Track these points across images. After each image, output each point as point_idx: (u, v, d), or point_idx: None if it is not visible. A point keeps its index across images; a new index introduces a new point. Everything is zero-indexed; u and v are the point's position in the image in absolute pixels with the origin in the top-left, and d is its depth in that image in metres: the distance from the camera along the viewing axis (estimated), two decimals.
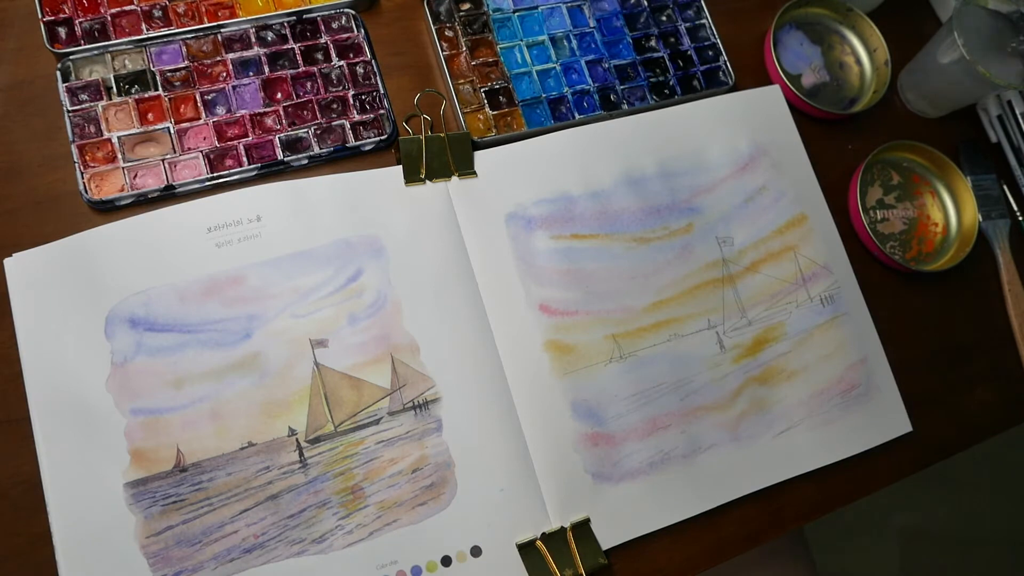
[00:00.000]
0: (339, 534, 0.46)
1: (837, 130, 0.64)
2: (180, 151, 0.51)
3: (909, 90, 0.66)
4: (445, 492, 0.48)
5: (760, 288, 0.56)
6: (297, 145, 0.53)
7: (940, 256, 0.62)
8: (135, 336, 0.47)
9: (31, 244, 0.47)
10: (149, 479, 0.45)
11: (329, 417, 0.48)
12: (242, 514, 0.45)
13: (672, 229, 0.56)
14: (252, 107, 0.53)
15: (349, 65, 0.55)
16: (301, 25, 0.55)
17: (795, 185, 0.59)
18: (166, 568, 0.44)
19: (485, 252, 0.52)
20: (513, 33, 0.58)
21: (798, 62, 0.64)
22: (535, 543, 0.48)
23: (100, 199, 0.49)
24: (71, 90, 0.50)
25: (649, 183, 0.57)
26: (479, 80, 0.57)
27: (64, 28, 0.51)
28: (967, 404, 0.60)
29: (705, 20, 0.62)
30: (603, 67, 0.59)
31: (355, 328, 0.49)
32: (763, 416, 0.54)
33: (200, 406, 0.46)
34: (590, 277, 0.53)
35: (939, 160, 0.63)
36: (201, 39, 0.53)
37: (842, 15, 0.65)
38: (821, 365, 0.56)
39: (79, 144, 0.50)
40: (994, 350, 0.62)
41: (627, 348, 0.53)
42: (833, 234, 0.59)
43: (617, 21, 0.61)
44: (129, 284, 0.47)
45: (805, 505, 0.54)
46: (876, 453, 0.55)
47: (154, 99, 0.51)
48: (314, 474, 0.47)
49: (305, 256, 0.50)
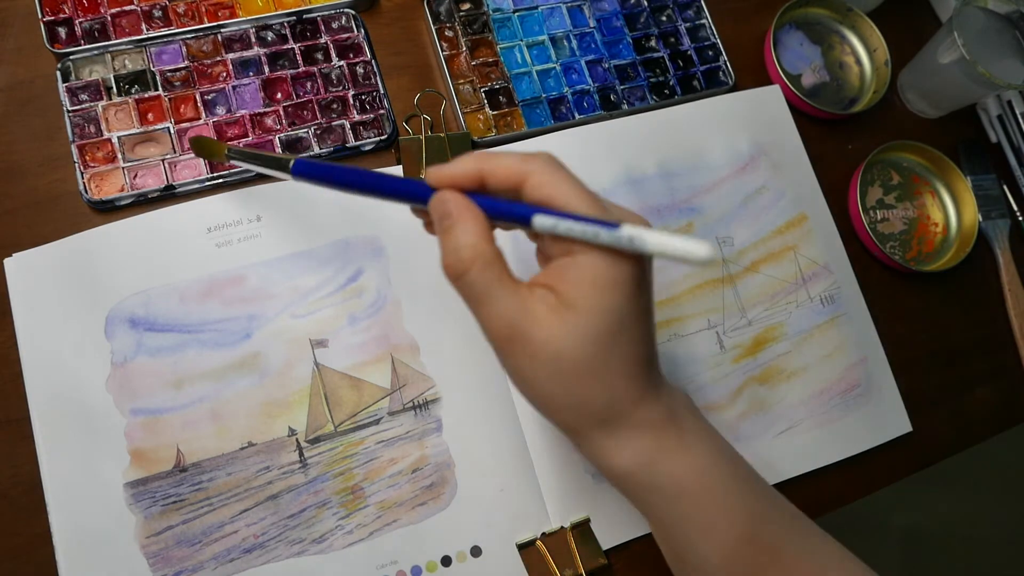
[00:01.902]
0: (339, 534, 0.46)
1: (837, 130, 0.64)
2: (180, 151, 0.51)
3: (909, 90, 0.66)
4: (445, 492, 0.48)
5: (760, 288, 0.56)
6: (297, 145, 0.53)
7: (940, 256, 0.62)
8: (135, 336, 0.47)
9: (31, 244, 0.47)
10: (149, 479, 0.45)
11: (329, 417, 0.48)
12: (242, 514, 0.45)
13: (672, 229, 0.56)
14: (252, 107, 0.53)
15: (349, 65, 0.55)
16: (301, 25, 0.55)
17: (795, 185, 0.59)
18: (166, 568, 0.44)
19: None
20: (513, 33, 0.58)
21: (798, 62, 0.64)
22: (535, 543, 0.48)
23: (100, 199, 0.49)
24: (71, 90, 0.50)
25: (649, 183, 0.57)
26: (479, 80, 0.57)
27: (64, 28, 0.51)
28: (967, 404, 0.60)
29: (705, 20, 0.62)
30: (603, 67, 0.59)
31: (355, 328, 0.49)
32: (763, 416, 0.54)
33: (200, 406, 0.46)
34: None
35: (939, 160, 0.63)
36: (201, 39, 0.53)
37: (842, 15, 0.65)
38: (821, 365, 0.56)
39: (79, 144, 0.50)
40: (994, 350, 0.62)
41: None
42: (833, 234, 0.59)
43: (617, 21, 0.61)
44: (129, 284, 0.47)
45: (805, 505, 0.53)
46: (876, 453, 0.55)
47: (154, 99, 0.51)
48: (314, 474, 0.47)
49: (305, 256, 0.50)
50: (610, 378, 0.31)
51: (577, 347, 0.30)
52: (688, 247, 0.26)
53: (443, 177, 0.32)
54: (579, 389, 0.31)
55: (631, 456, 0.33)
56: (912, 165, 0.64)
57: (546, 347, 0.30)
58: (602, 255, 0.29)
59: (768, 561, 0.34)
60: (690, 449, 0.33)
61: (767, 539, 0.34)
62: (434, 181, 0.32)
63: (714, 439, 0.35)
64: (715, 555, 0.34)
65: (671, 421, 0.33)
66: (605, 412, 0.32)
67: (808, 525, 0.37)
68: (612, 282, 0.29)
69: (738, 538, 0.34)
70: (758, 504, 0.35)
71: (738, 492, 0.34)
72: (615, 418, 0.32)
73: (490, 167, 0.31)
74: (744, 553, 0.34)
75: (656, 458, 0.33)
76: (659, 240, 0.27)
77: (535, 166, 0.30)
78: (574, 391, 0.31)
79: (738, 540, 0.34)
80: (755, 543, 0.34)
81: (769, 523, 0.35)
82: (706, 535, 0.34)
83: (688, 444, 0.33)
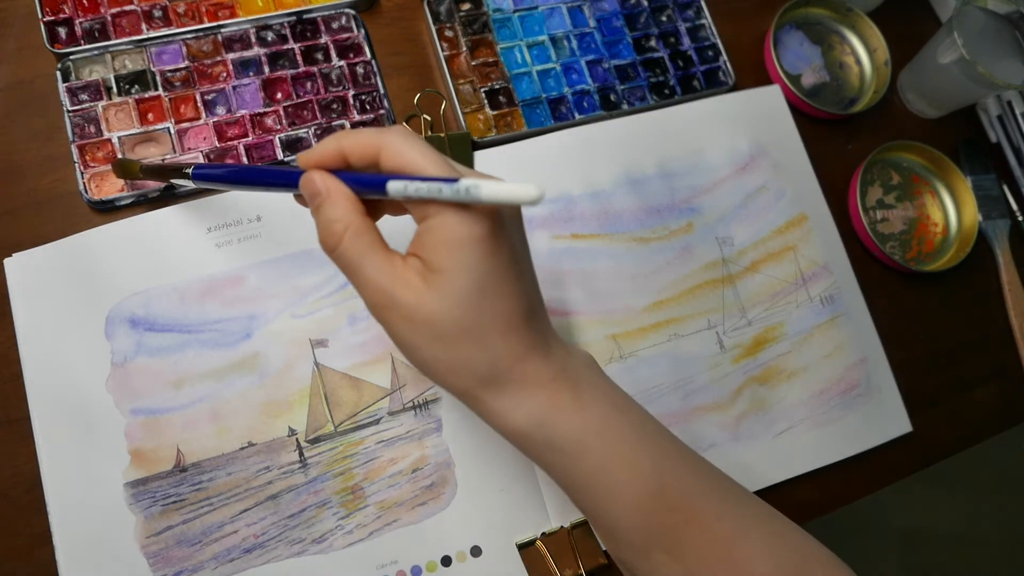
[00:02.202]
0: (339, 534, 0.46)
1: (837, 130, 0.64)
2: (180, 151, 0.51)
3: (909, 90, 0.66)
4: (445, 492, 0.48)
5: (760, 288, 0.56)
6: (297, 145, 0.53)
7: (940, 256, 0.62)
8: (135, 336, 0.47)
9: (31, 244, 0.47)
10: (149, 479, 0.45)
11: (329, 417, 0.48)
12: (242, 514, 0.45)
13: (672, 229, 0.56)
14: (252, 107, 0.53)
15: (349, 65, 0.55)
16: (301, 25, 0.55)
17: (795, 185, 0.59)
18: (166, 568, 0.44)
19: None
20: (513, 33, 0.58)
21: (798, 62, 0.64)
22: (535, 543, 0.48)
23: (100, 199, 0.49)
24: (71, 90, 0.50)
25: (649, 183, 0.57)
26: (479, 80, 0.57)
27: (64, 28, 0.51)
28: (967, 404, 0.60)
29: (705, 20, 0.62)
30: (603, 67, 0.59)
31: (355, 328, 0.49)
32: (763, 416, 0.54)
33: (200, 406, 0.46)
34: (590, 277, 0.53)
35: (939, 160, 0.63)
36: (201, 39, 0.53)
37: (842, 15, 0.65)
38: (821, 365, 0.56)
39: (79, 144, 0.50)
40: (994, 350, 0.62)
41: (627, 348, 0.53)
42: (833, 234, 0.59)
43: (617, 21, 0.61)
44: (129, 284, 0.47)
45: (805, 505, 0.54)
46: (876, 453, 0.55)
47: (154, 99, 0.51)
48: (314, 474, 0.47)
49: (305, 256, 0.50)
50: (485, 337, 0.31)
51: (446, 309, 0.30)
52: (517, 190, 0.27)
53: (310, 159, 0.33)
54: (458, 350, 0.31)
55: (524, 415, 0.33)
56: (912, 165, 0.64)
57: (418, 311, 0.31)
58: (452, 214, 0.30)
59: (682, 520, 0.34)
60: (588, 407, 0.33)
61: (678, 498, 0.34)
62: (303, 164, 0.33)
63: (615, 397, 0.35)
64: (624, 516, 0.34)
65: (564, 379, 0.33)
66: (488, 372, 0.32)
67: (729, 486, 0.36)
68: (466, 240, 0.30)
69: (646, 497, 0.33)
70: (667, 463, 0.34)
71: (645, 451, 0.34)
72: (500, 377, 0.32)
73: (349, 143, 0.32)
74: (654, 513, 0.34)
75: (551, 417, 0.33)
76: (492, 188, 0.27)
77: (389, 138, 0.31)
78: (454, 353, 0.31)
79: (646, 500, 0.33)
80: (665, 503, 0.34)
81: (681, 483, 0.34)
82: (612, 495, 0.34)
83: (585, 402, 0.33)
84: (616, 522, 0.34)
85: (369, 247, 0.31)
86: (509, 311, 0.31)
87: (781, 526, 0.36)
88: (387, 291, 0.31)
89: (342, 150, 0.32)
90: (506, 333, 0.32)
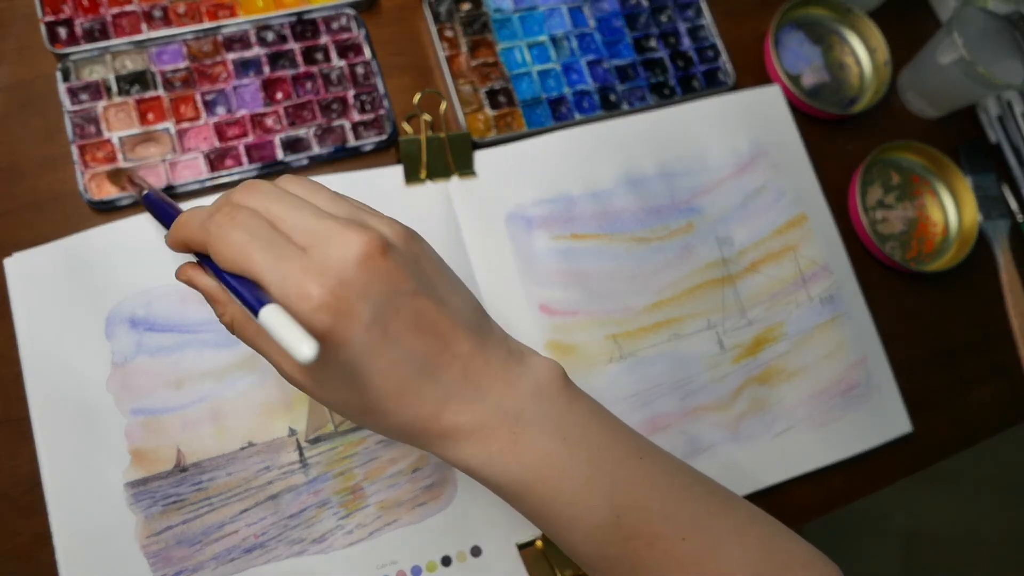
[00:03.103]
0: (339, 534, 0.46)
1: (837, 130, 0.64)
2: (180, 151, 0.51)
3: (909, 90, 0.66)
4: (445, 492, 0.48)
5: (760, 288, 0.56)
6: (297, 145, 0.53)
7: (940, 256, 0.62)
8: (135, 336, 0.47)
9: (31, 244, 0.47)
10: (149, 479, 0.45)
11: (329, 417, 0.48)
12: (242, 514, 0.45)
13: (672, 229, 0.56)
14: (252, 107, 0.53)
15: (349, 65, 0.55)
16: (301, 25, 0.55)
17: (795, 185, 0.59)
18: (166, 568, 0.44)
19: (485, 252, 0.52)
20: (513, 33, 0.59)
21: (798, 62, 0.64)
22: (535, 543, 0.48)
23: (100, 199, 0.49)
24: (71, 90, 0.50)
25: (649, 183, 0.57)
26: (479, 80, 0.57)
27: (64, 28, 0.51)
28: (967, 404, 0.60)
29: (705, 20, 0.62)
30: (603, 67, 0.59)
31: None
32: (763, 416, 0.54)
33: (200, 406, 0.46)
34: (590, 277, 0.53)
35: (939, 160, 0.63)
36: (201, 39, 0.53)
37: (842, 15, 0.65)
38: (821, 365, 0.56)
39: (79, 144, 0.50)
40: (994, 350, 0.62)
41: (627, 348, 0.53)
42: (833, 234, 0.59)
43: (617, 21, 0.61)
44: (129, 284, 0.47)
45: (805, 505, 0.54)
46: (876, 453, 0.55)
47: (154, 99, 0.51)
48: (314, 474, 0.47)
49: None
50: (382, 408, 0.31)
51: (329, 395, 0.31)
52: (293, 344, 0.25)
53: (176, 243, 0.33)
54: (366, 420, 0.32)
55: (461, 460, 0.32)
56: (912, 165, 0.64)
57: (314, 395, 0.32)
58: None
59: (643, 545, 0.33)
60: (526, 450, 0.32)
61: (636, 526, 0.33)
62: (171, 246, 0.34)
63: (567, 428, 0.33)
64: (580, 544, 0.33)
65: (499, 421, 0.32)
66: (409, 431, 0.32)
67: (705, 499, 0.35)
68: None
69: (598, 530, 0.33)
70: (624, 493, 0.33)
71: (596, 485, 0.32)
72: (423, 433, 0.32)
73: (183, 237, 0.32)
74: (610, 544, 0.33)
75: (484, 463, 0.32)
76: (278, 330, 0.26)
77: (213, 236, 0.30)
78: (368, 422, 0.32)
79: (598, 532, 0.33)
80: (622, 533, 0.32)
81: (640, 511, 0.33)
82: (564, 528, 0.33)
83: (523, 445, 0.32)
84: (573, 549, 0.34)
85: (256, 333, 0.32)
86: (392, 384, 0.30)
87: (764, 532, 0.35)
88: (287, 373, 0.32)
89: (186, 245, 0.32)
90: (400, 400, 0.31)
